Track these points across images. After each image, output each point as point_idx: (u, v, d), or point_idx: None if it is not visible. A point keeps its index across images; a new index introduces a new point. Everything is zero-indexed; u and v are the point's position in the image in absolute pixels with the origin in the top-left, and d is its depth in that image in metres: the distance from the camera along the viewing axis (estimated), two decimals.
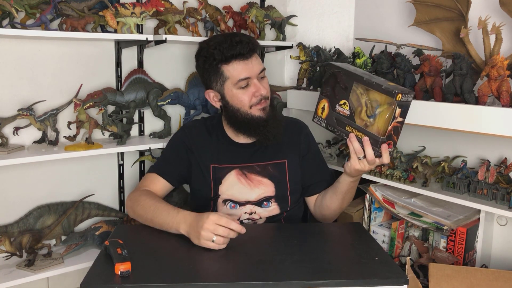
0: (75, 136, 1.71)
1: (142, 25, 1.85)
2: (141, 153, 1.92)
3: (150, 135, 1.92)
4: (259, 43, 1.53)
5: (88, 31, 1.67)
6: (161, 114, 1.89)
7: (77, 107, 1.65)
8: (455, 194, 1.53)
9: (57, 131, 1.68)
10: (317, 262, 1.13)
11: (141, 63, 1.90)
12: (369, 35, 1.85)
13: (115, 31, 1.71)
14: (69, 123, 1.70)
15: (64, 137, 1.72)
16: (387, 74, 1.62)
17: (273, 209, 1.53)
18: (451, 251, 1.58)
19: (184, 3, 1.86)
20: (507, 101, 1.35)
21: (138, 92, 1.82)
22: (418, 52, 1.58)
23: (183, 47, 2.02)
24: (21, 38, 1.63)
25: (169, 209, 1.33)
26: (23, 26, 1.55)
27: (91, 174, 1.86)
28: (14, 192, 1.70)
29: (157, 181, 1.53)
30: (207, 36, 1.98)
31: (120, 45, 1.84)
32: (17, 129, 1.64)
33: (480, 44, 1.48)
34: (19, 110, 1.60)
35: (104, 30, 1.75)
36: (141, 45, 1.87)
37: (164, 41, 1.76)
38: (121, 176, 1.92)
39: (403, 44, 1.67)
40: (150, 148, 1.79)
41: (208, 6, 1.97)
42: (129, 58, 1.89)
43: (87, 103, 1.67)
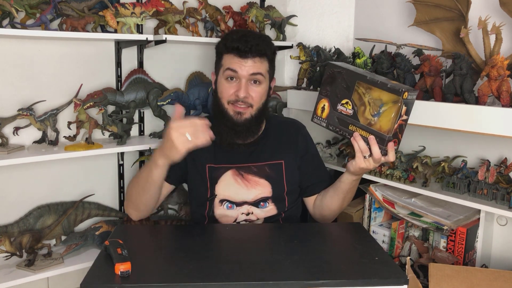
0: (75, 136, 1.71)
1: (142, 25, 1.85)
2: (141, 153, 1.92)
3: (150, 135, 1.92)
4: None
5: (88, 31, 1.67)
6: (161, 114, 1.89)
7: (77, 107, 1.65)
8: (455, 194, 1.53)
9: (57, 131, 1.68)
10: (317, 262, 1.13)
11: (141, 63, 1.90)
12: (369, 35, 1.85)
13: (115, 31, 1.71)
14: (69, 123, 1.70)
15: (64, 137, 1.72)
16: (387, 74, 1.62)
17: (270, 209, 1.53)
18: (451, 251, 1.58)
19: (184, 3, 1.86)
20: (507, 101, 1.35)
21: (138, 92, 1.82)
22: (418, 52, 1.58)
23: (183, 47, 2.02)
24: (21, 38, 1.63)
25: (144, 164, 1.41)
26: (23, 26, 1.55)
27: (91, 174, 1.86)
28: (14, 192, 1.70)
29: None
30: (207, 36, 1.99)
31: (120, 45, 1.84)
32: (17, 129, 1.64)
33: (480, 44, 1.48)
34: (19, 110, 1.60)
35: (104, 30, 1.75)
36: (141, 45, 1.88)
37: (164, 41, 1.76)
38: (121, 176, 1.92)
39: (403, 44, 1.67)
40: (150, 148, 1.79)
41: (208, 6, 1.97)
42: (129, 58, 1.89)
43: (87, 103, 1.67)
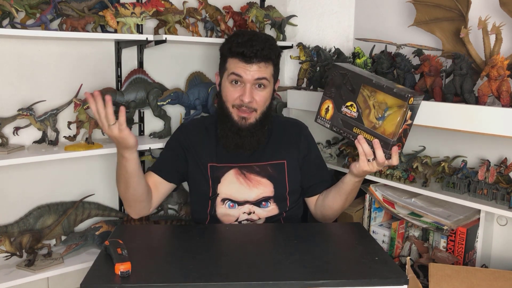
0: (75, 136, 1.71)
1: (142, 25, 1.85)
2: (141, 153, 1.91)
3: (150, 135, 1.92)
4: None
5: (88, 31, 1.67)
6: (161, 114, 1.89)
7: (77, 107, 1.65)
8: (455, 194, 1.53)
9: (57, 131, 1.68)
10: (317, 262, 1.13)
11: (141, 63, 1.90)
12: (369, 35, 1.85)
13: (115, 31, 1.71)
14: (69, 123, 1.70)
15: (64, 137, 1.72)
16: (387, 74, 1.62)
17: (272, 209, 1.53)
18: (451, 251, 1.58)
19: (184, 3, 1.86)
20: (507, 101, 1.35)
21: (138, 92, 1.82)
22: (418, 52, 1.58)
23: (183, 47, 2.02)
24: (21, 38, 1.63)
25: None
26: (23, 26, 1.55)
27: (91, 174, 1.86)
28: (14, 192, 1.70)
29: (150, 177, 1.53)
30: (207, 36, 1.99)
31: (120, 45, 1.84)
32: (17, 129, 1.64)
33: (480, 44, 1.48)
34: (19, 110, 1.60)
35: (104, 30, 1.75)
36: (141, 45, 1.87)
37: (164, 41, 1.76)
38: None
39: (403, 44, 1.67)
40: (150, 148, 1.79)
41: (208, 6, 1.97)
42: (129, 58, 1.89)
43: (87, 103, 1.67)
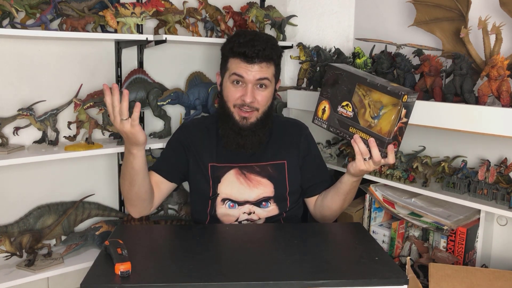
0: (75, 136, 1.71)
1: (142, 25, 1.85)
2: None
3: (150, 135, 1.92)
4: None
5: (88, 31, 1.67)
6: (161, 114, 1.89)
7: (77, 107, 1.65)
8: (455, 194, 1.53)
9: (57, 131, 1.68)
10: (317, 262, 1.13)
11: (141, 63, 1.90)
12: (369, 35, 1.85)
13: (115, 31, 1.71)
14: (69, 123, 1.70)
15: (64, 137, 1.72)
16: (387, 74, 1.62)
17: (272, 209, 1.53)
18: (451, 251, 1.58)
19: (184, 3, 1.86)
20: (507, 101, 1.35)
21: (138, 92, 1.82)
22: (418, 52, 1.58)
23: (183, 47, 2.02)
24: (21, 38, 1.63)
25: None
26: (23, 26, 1.55)
27: (91, 174, 1.86)
28: (14, 192, 1.70)
29: (156, 179, 1.53)
30: (207, 36, 1.99)
31: (120, 45, 1.84)
32: (17, 129, 1.64)
33: (480, 44, 1.48)
34: (19, 110, 1.60)
35: (104, 30, 1.75)
36: (141, 45, 1.87)
37: (164, 41, 1.76)
38: None
39: (403, 44, 1.67)
40: (150, 148, 1.79)
41: (208, 6, 1.97)
42: (129, 58, 1.89)
43: (87, 103, 1.67)
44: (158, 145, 1.79)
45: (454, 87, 1.45)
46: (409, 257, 1.38)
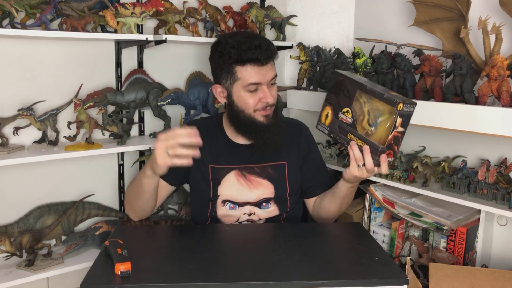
0: (75, 136, 1.71)
1: (142, 25, 1.85)
2: (141, 153, 1.92)
3: (150, 135, 1.92)
4: None
5: (88, 31, 1.67)
6: (161, 114, 1.89)
7: (77, 107, 1.65)
8: (455, 194, 1.53)
9: (57, 131, 1.68)
10: (317, 262, 1.13)
11: (141, 63, 1.90)
12: (369, 35, 1.85)
13: (115, 31, 1.71)
14: (69, 123, 1.70)
15: (64, 137, 1.72)
16: (387, 74, 1.62)
17: (272, 210, 1.53)
18: (451, 251, 1.58)
19: (184, 3, 1.86)
20: (507, 101, 1.35)
21: (138, 92, 1.82)
22: (418, 52, 1.58)
23: (183, 47, 2.02)
24: (21, 38, 1.63)
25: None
26: (23, 26, 1.55)
27: (91, 174, 1.86)
28: (14, 192, 1.70)
29: None
30: (207, 36, 1.98)
31: (120, 45, 1.84)
32: (17, 129, 1.64)
33: (480, 44, 1.48)
34: (19, 110, 1.60)
35: (104, 30, 1.75)
36: (141, 45, 1.87)
37: (164, 41, 1.76)
38: (121, 176, 1.92)
39: (403, 44, 1.67)
40: (150, 148, 1.79)
41: (208, 6, 1.97)
42: (129, 58, 1.89)
43: (87, 103, 1.67)
44: None
45: (454, 87, 1.45)
46: (409, 257, 1.38)
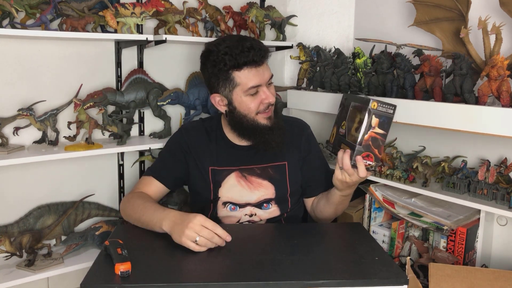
0: (75, 136, 1.71)
1: (142, 25, 1.85)
2: (141, 153, 1.92)
3: (150, 135, 1.92)
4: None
5: (88, 31, 1.67)
6: (161, 114, 1.89)
7: (77, 107, 1.65)
8: (455, 194, 1.53)
9: (57, 131, 1.68)
10: (317, 262, 1.13)
11: (141, 63, 1.90)
12: (369, 35, 1.85)
13: (115, 31, 1.72)
14: (69, 123, 1.70)
15: (64, 137, 1.72)
16: (387, 74, 1.62)
17: (273, 210, 1.53)
18: (451, 251, 1.58)
19: (184, 3, 1.86)
20: (507, 101, 1.35)
21: (138, 92, 1.82)
22: (418, 52, 1.58)
23: (183, 47, 2.02)
24: (21, 38, 1.63)
25: (156, 208, 1.33)
26: (23, 26, 1.55)
27: (91, 174, 1.86)
28: (14, 192, 1.70)
29: (153, 184, 1.52)
30: (207, 36, 1.98)
31: (120, 45, 1.84)
32: (17, 129, 1.64)
33: (480, 44, 1.48)
34: (19, 110, 1.60)
35: (104, 30, 1.75)
36: (141, 45, 1.88)
37: (164, 41, 1.76)
38: (121, 176, 1.92)
39: (403, 44, 1.67)
40: (150, 148, 1.79)
41: (208, 6, 1.97)
42: (129, 58, 1.89)
43: (87, 103, 1.67)
44: (158, 145, 1.79)
45: (454, 87, 1.45)
46: (409, 257, 1.38)
